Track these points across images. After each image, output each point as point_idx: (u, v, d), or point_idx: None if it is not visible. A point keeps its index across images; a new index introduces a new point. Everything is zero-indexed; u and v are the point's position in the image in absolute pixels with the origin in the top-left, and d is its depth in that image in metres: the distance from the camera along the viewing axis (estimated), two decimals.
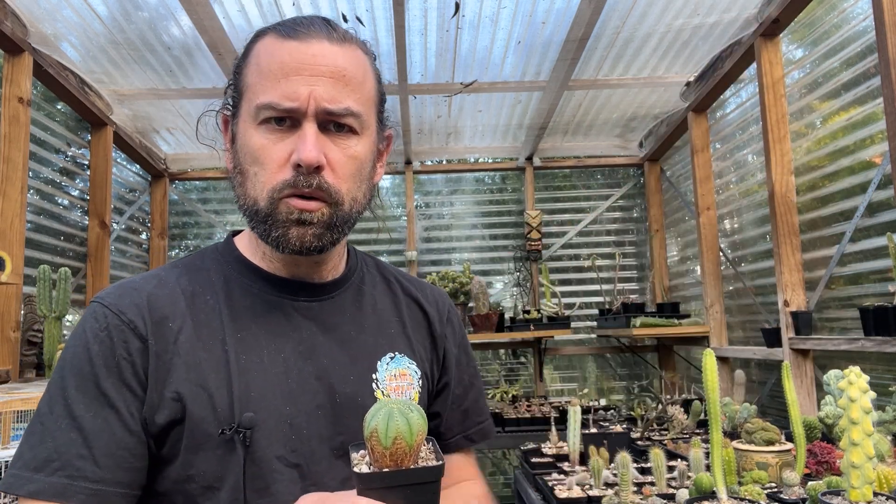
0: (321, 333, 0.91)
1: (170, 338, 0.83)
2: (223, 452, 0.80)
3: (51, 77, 2.90)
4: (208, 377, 0.82)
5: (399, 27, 2.82)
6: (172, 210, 4.55)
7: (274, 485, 0.81)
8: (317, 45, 0.84)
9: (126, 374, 0.81)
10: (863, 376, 1.29)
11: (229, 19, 2.79)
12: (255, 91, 0.84)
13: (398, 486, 0.64)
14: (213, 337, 0.85)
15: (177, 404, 0.80)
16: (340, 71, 0.84)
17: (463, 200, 4.72)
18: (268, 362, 0.85)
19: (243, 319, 0.88)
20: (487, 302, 3.98)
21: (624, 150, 4.62)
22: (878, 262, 2.43)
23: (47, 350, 2.59)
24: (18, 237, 2.59)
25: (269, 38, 0.87)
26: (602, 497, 1.96)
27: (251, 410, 0.81)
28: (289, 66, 0.82)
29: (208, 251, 0.97)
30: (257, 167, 0.84)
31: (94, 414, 0.79)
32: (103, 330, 0.82)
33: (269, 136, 0.83)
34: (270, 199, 0.83)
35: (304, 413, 0.85)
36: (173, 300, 0.87)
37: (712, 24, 3.00)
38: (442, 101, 3.72)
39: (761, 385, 3.34)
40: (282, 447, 0.82)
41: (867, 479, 1.26)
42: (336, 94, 0.83)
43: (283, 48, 0.84)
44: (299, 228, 0.84)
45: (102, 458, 0.78)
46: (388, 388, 0.91)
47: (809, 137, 2.82)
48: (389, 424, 0.64)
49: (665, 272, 4.45)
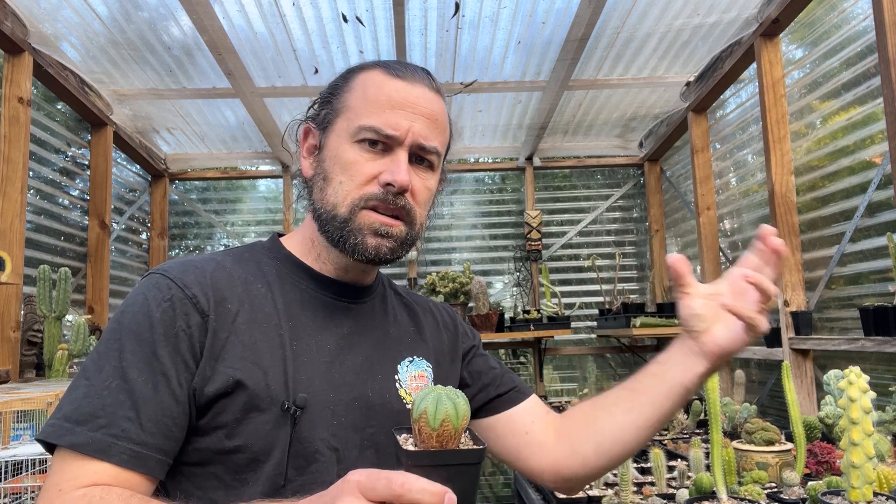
0: (357, 333, 0.99)
1: (228, 318, 0.89)
2: (272, 427, 0.85)
3: (51, 77, 2.90)
4: (263, 356, 0.88)
5: (399, 27, 2.82)
6: (172, 210, 4.55)
7: (314, 464, 0.86)
8: (420, 88, 0.97)
9: (182, 345, 0.85)
10: (863, 376, 1.29)
11: (229, 19, 2.79)
12: (357, 113, 0.95)
13: (444, 466, 0.67)
14: (267, 321, 0.91)
15: (230, 379, 0.84)
16: (435, 115, 0.98)
17: (463, 200, 4.72)
18: (316, 351, 0.93)
19: (293, 310, 0.95)
20: (487, 302, 3.98)
21: (624, 150, 4.62)
22: (878, 262, 2.43)
23: (47, 350, 2.59)
24: (18, 237, 2.59)
25: (377, 72, 0.98)
26: (602, 497, 1.96)
27: (302, 392, 0.87)
28: (395, 100, 0.94)
29: (256, 246, 1.04)
30: (344, 177, 0.94)
31: (146, 379, 0.82)
32: (167, 300, 0.86)
33: (362, 154, 0.93)
34: (351, 208, 0.93)
35: (343, 402, 0.91)
36: (231, 284, 0.93)
37: (712, 24, 3.00)
38: None
39: (761, 385, 3.34)
40: (325, 430, 0.88)
41: (867, 479, 1.26)
42: (429, 134, 0.96)
43: (392, 83, 0.96)
44: (377, 239, 0.93)
45: (148, 423, 0.81)
46: (409, 388, 0.99)
47: (809, 137, 2.82)
48: (438, 407, 0.67)
49: (665, 272, 4.45)
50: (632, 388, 1.00)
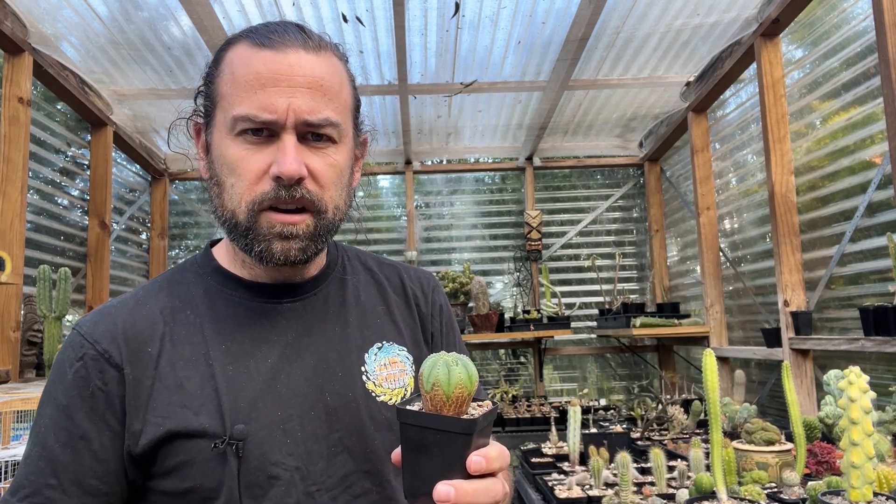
0: (306, 335, 0.91)
1: (149, 363, 0.84)
2: (216, 465, 0.81)
3: (51, 77, 2.90)
4: (193, 397, 0.83)
5: (399, 27, 2.82)
6: (172, 210, 4.55)
7: (272, 489, 0.82)
8: (293, 54, 0.83)
9: (99, 404, 0.82)
10: (863, 376, 1.29)
11: (229, 19, 2.79)
12: (230, 101, 0.83)
13: (487, 426, 0.67)
14: (195, 353, 0.86)
15: (160, 429, 0.81)
16: (318, 81, 0.83)
17: (463, 200, 4.72)
18: (254, 371, 0.86)
19: (227, 330, 0.88)
20: (487, 302, 3.98)
21: (624, 150, 4.62)
22: (878, 262, 2.43)
23: (47, 350, 2.59)
24: (18, 237, 2.59)
25: (241, 47, 0.86)
26: (602, 497, 1.96)
27: (242, 421, 0.82)
28: (265, 76, 0.81)
29: (188, 263, 0.97)
30: (234, 178, 0.83)
31: (64, 444, 0.81)
32: (79, 359, 0.83)
33: (246, 148, 0.83)
34: (250, 211, 0.83)
35: (296, 416, 0.85)
36: (151, 323, 0.87)
37: (712, 24, 3.00)
38: (442, 101, 3.72)
39: (761, 385, 3.34)
40: (277, 453, 0.83)
41: (867, 479, 1.26)
42: (315, 105, 0.82)
43: (258, 58, 0.83)
44: (283, 242, 0.84)
45: (71, 487, 0.81)
46: (378, 378, 0.91)
47: (809, 137, 2.82)
48: (451, 374, 0.65)
49: (665, 272, 4.45)
50: None
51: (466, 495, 0.62)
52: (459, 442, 0.63)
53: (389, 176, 4.73)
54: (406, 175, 4.59)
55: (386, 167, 4.67)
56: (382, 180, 4.79)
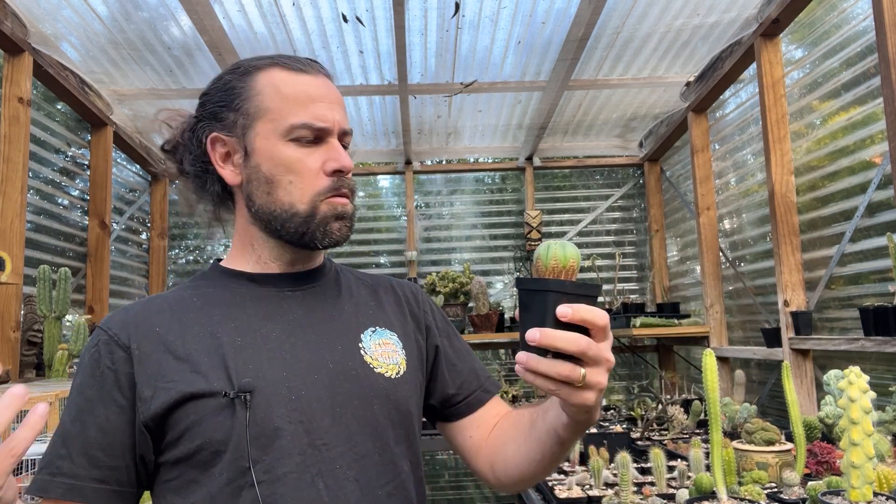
0: (309, 314, 1.02)
1: (157, 339, 0.94)
2: (225, 417, 0.88)
3: (51, 77, 2.90)
4: (201, 363, 0.91)
5: (399, 27, 2.82)
6: (172, 210, 4.55)
7: (277, 441, 0.89)
8: (322, 79, 1.04)
9: (108, 382, 0.92)
10: (863, 376, 1.29)
11: (229, 19, 2.79)
12: (281, 113, 0.99)
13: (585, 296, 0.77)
14: (203, 331, 0.95)
15: (171, 391, 0.89)
16: (340, 100, 1.05)
17: (463, 200, 4.72)
18: (261, 341, 0.95)
19: (235, 312, 0.98)
20: (487, 302, 3.98)
21: (624, 150, 4.62)
22: (878, 262, 2.43)
23: (47, 350, 2.59)
24: (18, 237, 2.59)
25: (277, 71, 1.02)
26: (602, 497, 1.96)
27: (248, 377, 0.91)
28: (312, 94, 1.00)
29: (195, 276, 1.09)
30: (293, 176, 0.98)
31: (73, 419, 0.92)
32: (94, 346, 0.95)
33: (300, 150, 0.99)
34: (313, 202, 0.98)
35: (300, 377, 0.94)
36: (161, 310, 0.98)
37: (712, 24, 3.00)
38: (442, 101, 3.72)
39: (761, 385, 3.34)
40: (283, 407, 0.91)
41: (867, 479, 1.26)
42: (343, 118, 1.03)
43: (301, 80, 1.01)
44: (339, 222, 1.00)
45: (78, 458, 0.90)
46: (375, 354, 1.01)
47: (809, 137, 2.82)
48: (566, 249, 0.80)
49: (665, 272, 4.45)
50: (531, 421, 1.01)
51: (548, 337, 0.72)
52: (551, 298, 0.74)
53: (389, 176, 4.73)
54: (406, 175, 4.59)
55: (386, 167, 4.67)
56: (382, 180, 4.79)
